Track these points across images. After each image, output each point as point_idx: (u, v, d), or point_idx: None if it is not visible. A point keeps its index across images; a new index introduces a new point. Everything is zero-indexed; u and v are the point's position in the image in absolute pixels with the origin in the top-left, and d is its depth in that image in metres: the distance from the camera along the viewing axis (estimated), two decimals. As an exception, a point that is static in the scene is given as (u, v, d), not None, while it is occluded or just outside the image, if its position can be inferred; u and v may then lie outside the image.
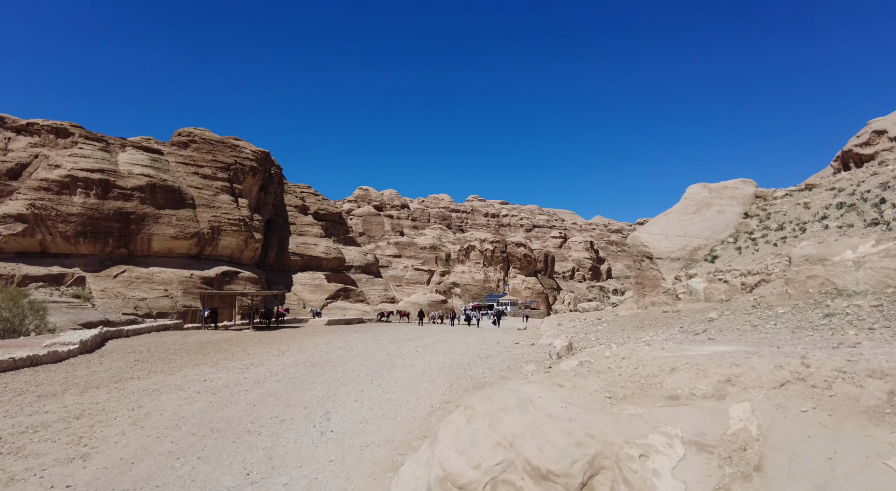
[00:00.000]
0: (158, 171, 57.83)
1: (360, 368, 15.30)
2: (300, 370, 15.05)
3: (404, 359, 17.37)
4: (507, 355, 17.38)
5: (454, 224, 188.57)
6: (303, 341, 22.96)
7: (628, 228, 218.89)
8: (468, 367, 15.30)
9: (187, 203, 59.52)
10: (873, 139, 51.17)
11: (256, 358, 17.61)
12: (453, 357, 17.53)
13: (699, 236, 20.75)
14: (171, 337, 23.56)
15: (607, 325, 17.97)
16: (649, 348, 6.83)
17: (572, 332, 18.70)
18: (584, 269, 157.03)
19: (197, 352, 19.11)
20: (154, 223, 55.09)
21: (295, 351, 19.62)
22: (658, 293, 19.61)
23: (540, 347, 18.16)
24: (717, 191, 23.05)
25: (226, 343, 21.69)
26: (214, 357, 17.85)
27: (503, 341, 21.35)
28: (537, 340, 19.49)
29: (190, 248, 59.05)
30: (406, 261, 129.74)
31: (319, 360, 17.05)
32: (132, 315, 47.88)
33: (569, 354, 12.79)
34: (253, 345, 21.31)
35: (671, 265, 20.11)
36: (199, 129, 68.04)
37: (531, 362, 14.47)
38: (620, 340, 14.66)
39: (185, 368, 15.41)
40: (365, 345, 21.33)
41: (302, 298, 69.72)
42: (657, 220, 22.65)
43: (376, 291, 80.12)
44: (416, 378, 13.82)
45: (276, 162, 77.72)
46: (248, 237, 64.60)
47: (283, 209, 76.99)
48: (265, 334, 27.43)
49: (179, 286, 55.48)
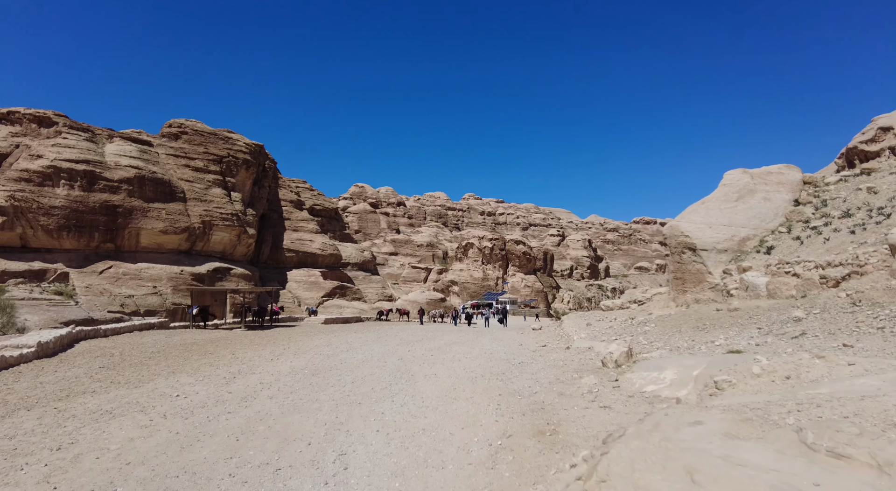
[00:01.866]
0: (147, 163, 55.41)
1: (371, 378, 12.89)
2: (298, 381, 12.58)
3: (422, 365, 15.02)
4: (543, 362, 15.08)
5: (450, 222, 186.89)
6: (299, 343, 20.85)
7: (624, 227, 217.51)
8: (505, 378, 12.76)
9: (178, 196, 57.13)
10: (879, 136, 49.63)
11: (246, 364, 15.34)
12: (479, 363, 15.32)
13: (746, 225, 18.74)
14: (153, 337, 21.42)
15: (654, 325, 15.90)
16: (824, 364, 4.78)
17: (610, 333, 16.68)
18: (583, 267, 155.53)
19: (177, 355, 16.84)
20: (142, 217, 52.68)
21: (291, 354, 17.39)
22: (703, 289, 17.60)
23: (579, 352, 16.01)
24: (760, 177, 21.08)
25: (213, 344, 19.54)
26: (196, 362, 15.54)
27: (526, 344, 19.12)
28: (570, 342, 17.31)
29: (180, 243, 56.68)
30: (403, 258, 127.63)
31: (321, 366, 14.77)
32: (118, 313, 45.53)
33: (629, 361, 10.81)
34: (243, 347, 19.15)
35: (717, 257, 18.08)
36: (191, 121, 65.64)
37: (585, 373, 12.22)
38: (683, 342, 12.67)
39: (157, 378, 12.89)
40: (370, 347, 19.21)
41: (297, 296, 67.55)
42: (695, 208, 20.59)
43: (373, 288, 78.00)
44: (446, 393, 11.33)
45: (270, 155, 75.40)
46: (241, 232, 62.28)
47: (277, 204, 74.70)
48: (258, 334, 25.33)
49: (169, 283, 53.16)
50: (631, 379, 9.67)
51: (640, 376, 9.58)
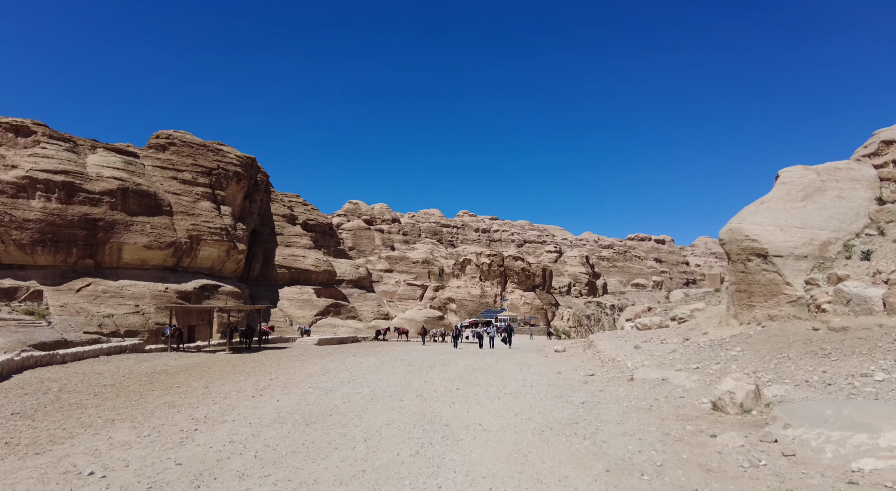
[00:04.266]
0: (132, 175, 52.63)
1: (391, 433, 9.23)
2: (286, 437, 9.00)
3: (453, 407, 11.55)
4: (613, 400, 11.59)
5: (445, 239, 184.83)
6: (290, 371, 17.86)
7: (619, 244, 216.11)
8: (584, 431, 9.23)
9: (164, 210, 54.26)
10: (882, 149, 48.24)
11: (219, 403, 12.07)
12: (527, 403, 11.82)
13: (825, 228, 16.35)
14: (118, 364, 18.42)
15: (740, 350, 13.15)
16: None
17: (676, 359, 13.90)
18: (581, 284, 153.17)
19: (134, 390, 13.67)
20: (125, 231, 49.67)
21: (279, 388, 14.26)
22: (779, 303, 15.09)
23: (652, 386, 12.80)
24: (827, 173, 18.85)
25: (186, 373, 16.52)
26: (154, 402, 12.23)
27: (565, 371, 16.19)
28: (624, 370, 14.49)
29: (165, 259, 53.62)
30: (398, 275, 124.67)
31: (317, 408, 11.36)
32: (96, 334, 42.26)
33: (758, 404, 8.10)
34: (222, 376, 16.08)
35: (796, 265, 15.56)
36: (180, 132, 63.16)
37: (701, 423, 8.70)
38: (806, 374, 9.92)
39: (82, 434, 9.32)
40: (376, 376, 16.16)
41: (289, 315, 64.35)
42: (753, 209, 18.08)
43: (369, 306, 74.92)
44: (515, 465, 7.64)
45: (262, 168, 72.86)
46: (230, 248, 59.34)
47: (269, 219, 71.88)
48: (243, 359, 22.38)
49: (152, 301, 49.95)
50: (805, 441, 6.78)
51: (822, 438, 6.62)
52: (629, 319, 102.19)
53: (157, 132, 61.23)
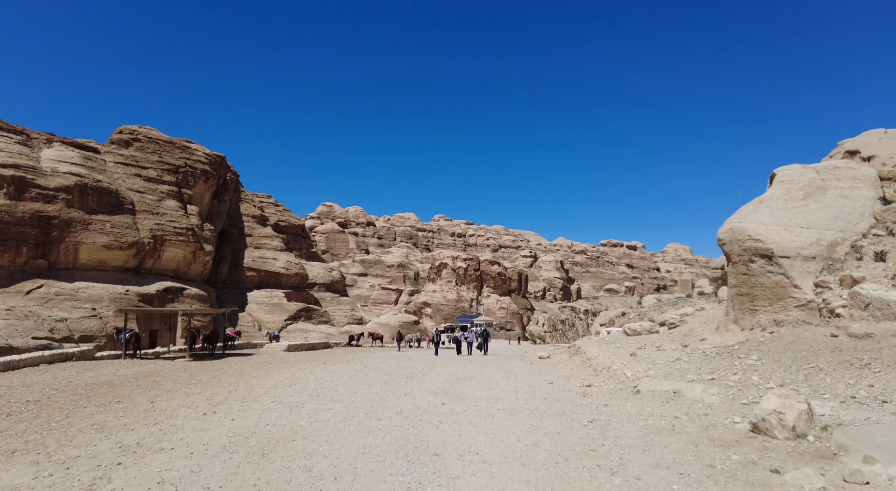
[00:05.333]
0: (91, 171, 49.84)
1: (367, 465, 7.63)
2: (235, 474, 7.17)
3: (440, 428, 9.82)
4: (625, 419, 10.10)
5: (421, 243, 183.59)
6: (252, 381, 16.28)
7: (592, 250, 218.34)
8: (609, 462, 7.63)
9: (126, 208, 51.58)
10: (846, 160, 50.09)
11: (160, 423, 10.21)
12: (526, 422, 10.23)
13: (830, 228, 15.67)
14: (57, 374, 16.53)
15: (757, 358, 12.10)
16: None
17: (683, 368, 12.71)
18: (556, 288, 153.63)
19: (60, 408, 11.56)
20: (83, 230, 46.88)
21: (237, 403, 12.43)
22: (786, 307, 14.28)
23: (663, 400, 11.39)
24: (827, 171, 18.27)
25: (133, 385, 14.78)
26: (80, 423, 10.21)
27: (557, 381, 14.95)
28: (626, 381, 13.28)
29: (126, 259, 50.91)
30: (372, 279, 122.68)
31: (277, 432, 9.49)
32: (46, 339, 39.61)
33: (811, 426, 7.04)
34: (175, 388, 14.41)
35: (804, 267, 14.75)
36: (145, 128, 60.43)
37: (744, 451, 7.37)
38: (848, 389, 8.80)
39: None
40: (349, 387, 14.66)
41: (257, 319, 62.04)
42: (753, 208, 17.21)
43: (342, 311, 72.99)
44: None
45: (232, 167, 70.35)
46: (196, 249, 56.87)
47: (238, 219, 69.39)
48: (203, 367, 20.68)
49: (111, 304, 47.21)
50: (895, 479, 5.77)
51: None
52: (603, 323, 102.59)
53: (120, 127, 58.42)
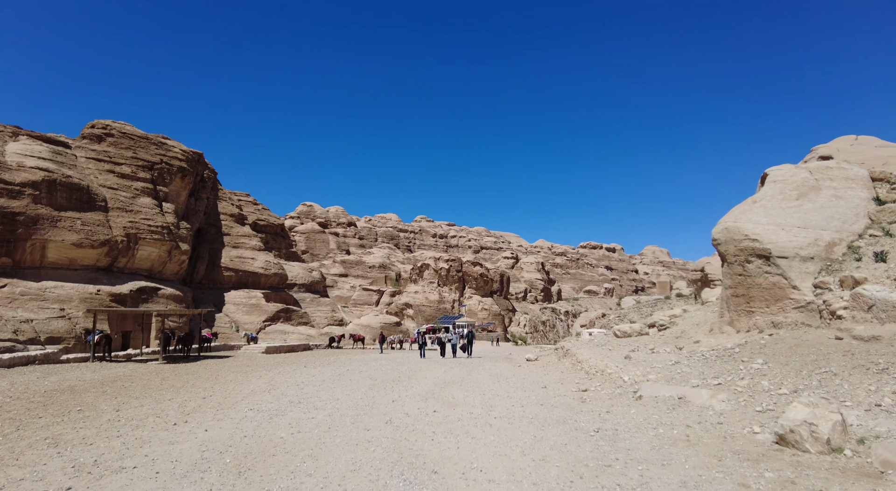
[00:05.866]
0: (61, 166, 47.97)
1: (357, 489, 6.58)
2: None
3: (436, 441, 8.88)
4: (641, 430, 9.10)
5: (402, 244, 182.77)
6: (229, 386, 15.43)
7: (572, 251, 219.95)
8: (628, 480, 6.76)
9: (98, 205, 49.77)
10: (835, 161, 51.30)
11: (123, 437, 8.97)
12: (527, 432, 9.39)
13: (827, 228, 15.50)
14: (15, 378, 15.47)
15: (763, 361, 11.54)
16: None
17: (683, 372, 12.22)
18: (537, 290, 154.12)
19: (13, 418, 10.52)
20: (51, 227, 45.04)
21: (210, 411, 11.40)
22: (784, 309, 14.01)
23: (670, 407, 10.71)
24: (820, 172, 18.16)
25: (98, 391, 13.77)
26: (32, 436, 9.07)
27: (551, 385, 14.32)
28: (623, 385, 12.66)
29: (98, 258, 49.11)
30: (353, 280, 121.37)
31: (256, 445, 8.56)
32: (10, 341, 37.88)
33: (846, 439, 6.62)
34: (144, 394, 13.46)
35: (802, 267, 14.49)
36: (119, 123, 58.53)
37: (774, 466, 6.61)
38: (868, 396, 8.46)
39: None
40: (331, 392, 13.86)
41: (235, 320, 60.58)
42: (747, 207, 16.89)
43: (322, 312, 71.80)
44: None
45: (209, 165, 68.71)
46: (172, 248, 55.23)
47: (216, 218, 67.74)
48: (176, 370, 19.72)
49: (81, 305, 45.46)
50: None
51: None
52: (584, 325, 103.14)
53: (92, 122, 56.45)
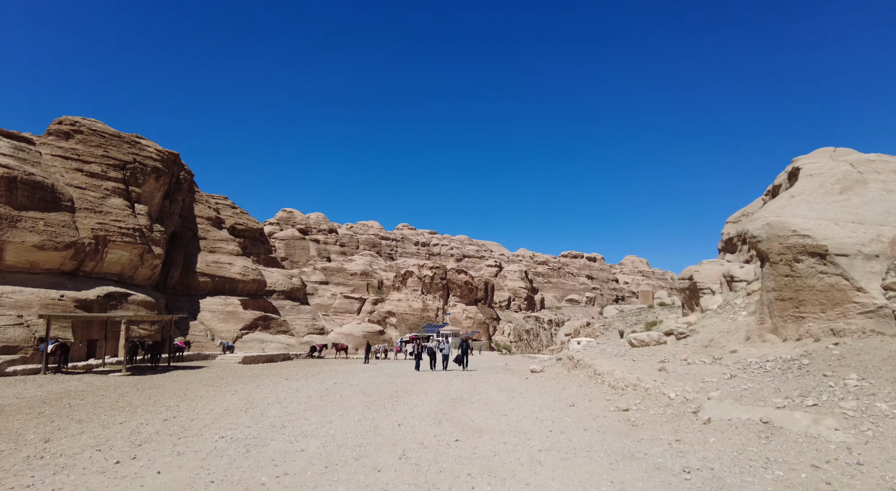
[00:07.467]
0: (23, 163, 45.03)
1: None
2: None
3: None
4: (749, 473, 7.05)
5: (384, 251, 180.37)
6: (198, 403, 13.36)
7: (553, 260, 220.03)
8: None
9: (63, 205, 46.87)
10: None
11: (37, 487, 6.69)
12: (598, 474, 7.28)
13: (884, 223, 14.15)
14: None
15: (857, 378, 9.45)
16: None
17: (750, 389, 10.42)
18: (520, 298, 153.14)
19: None
20: (10, 228, 42.08)
21: (169, 443, 8.86)
22: (848, 314, 12.48)
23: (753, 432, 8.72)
24: (862, 164, 16.94)
25: (35, 412, 11.63)
26: None
27: (580, 404, 12.55)
28: (682, 404, 10.68)
29: (63, 261, 46.16)
30: (334, 288, 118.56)
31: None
32: (-40, 350, 34.90)
33: None
34: (91, 416, 11.30)
35: (866, 267, 12.98)
36: (89, 120, 55.66)
37: None
38: None
39: None
40: (321, 413, 11.79)
41: (210, 328, 57.72)
42: (788, 202, 15.40)
43: (303, 320, 69.22)
44: None
45: (186, 166, 65.96)
46: (144, 251, 52.39)
47: (192, 221, 64.90)
48: (140, 383, 17.52)
49: (43, 311, 42.39)
50: None
51: None
52: (569, 333, 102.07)
53: (59, 118, 53.50)
